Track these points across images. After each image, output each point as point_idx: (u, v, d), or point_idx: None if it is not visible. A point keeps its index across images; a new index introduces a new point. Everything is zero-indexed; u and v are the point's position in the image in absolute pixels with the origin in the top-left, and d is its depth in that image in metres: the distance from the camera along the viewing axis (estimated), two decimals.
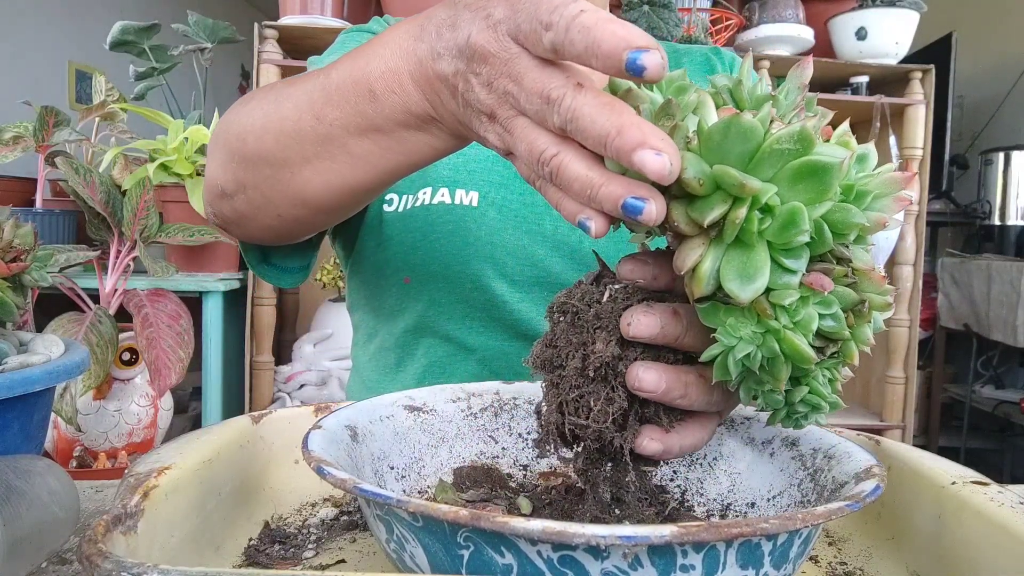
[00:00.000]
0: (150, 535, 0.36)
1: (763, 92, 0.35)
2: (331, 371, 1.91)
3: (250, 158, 0.55)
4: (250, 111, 0.55)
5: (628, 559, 0.30)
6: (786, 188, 0.31)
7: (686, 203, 0.32)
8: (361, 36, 0.81)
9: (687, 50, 0.89)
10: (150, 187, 1.51)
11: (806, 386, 0.37)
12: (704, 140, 0.31)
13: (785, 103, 0.36)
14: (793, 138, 0.30)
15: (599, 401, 0.37)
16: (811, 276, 0.33)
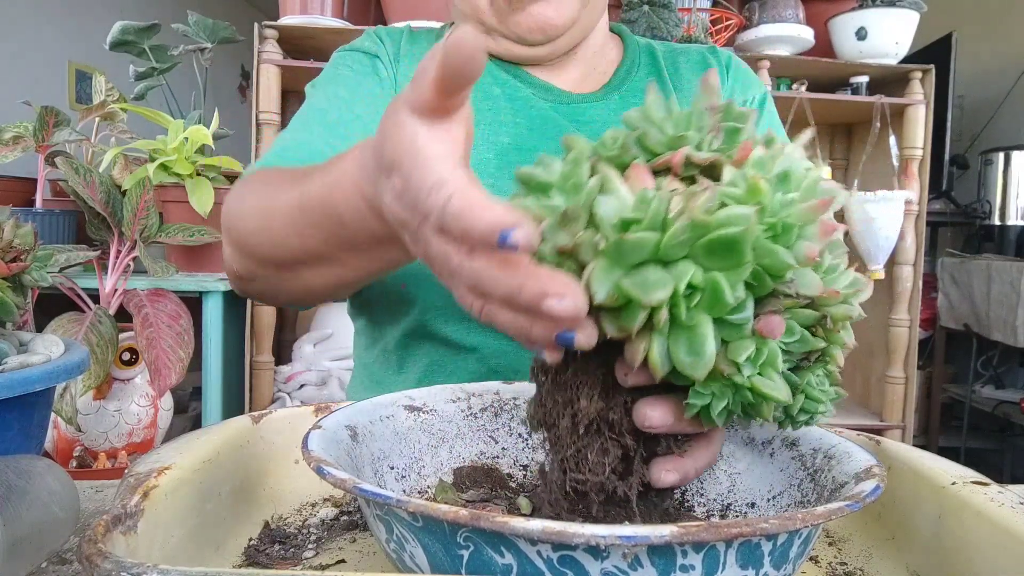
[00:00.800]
0: (150, 535, 0.36)
1: (674, 131, 0.36)
2: (331, 371, 1.91)
3: (254, 258, 0.59)
4: (246, 214, 0.59)
5: (628, 559, 0.30)
6: (705, 259, 0.31)
7: (612, 314, 0.33)
8: (354, 56, 0.82)
9: (684, 50, 0.89)
10: (150, 187, 1.51)
11: (802, 394, 0.37)
12: (607, 251, 0.32)
13: (698, 135, 0.36)
14: (687, 229, 0.30)
15: (595, 453, 0.38)
16: (760, 323, 0.33)
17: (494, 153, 0.77)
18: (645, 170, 0.34)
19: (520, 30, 0.76)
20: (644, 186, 0.33)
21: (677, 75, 0.85)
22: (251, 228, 0.58)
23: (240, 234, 0.60)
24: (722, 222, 0.30)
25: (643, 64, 0.86)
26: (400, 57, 0.81)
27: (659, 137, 0.36)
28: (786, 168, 0.34)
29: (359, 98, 0.76)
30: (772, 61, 1.98)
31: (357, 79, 0.79)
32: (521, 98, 0.80)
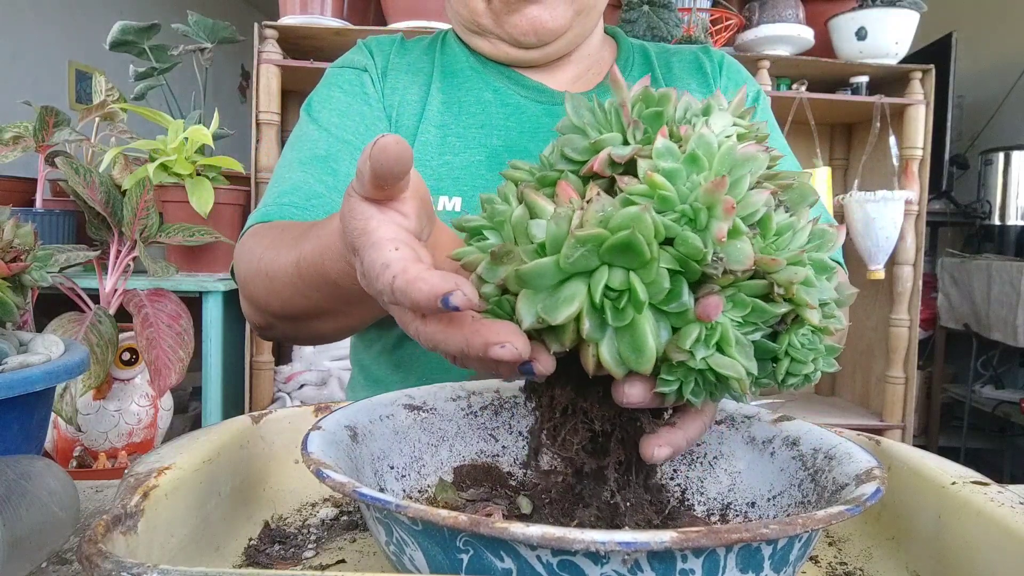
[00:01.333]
0: (150, 535, 0.36)
1: (596, 133, 0.37)
2: (331, 371, 1.91)
3: (268, 313, 0.65)
4: (253, 276, 0.64)
5: (628, 564, 0.29)
6: (618, 262, 0.33)
7: (550, 334, 0.35)
8: (344, 74, 0.83)
9: (677, 50, 0.89)
10: (150, 187, 1.51)
11: (787, 358, 0.36)
12: (524, 285, 0.34)
13: (619, 133, 0.37)
14: (578, 243, 0.32)
15: (567, 431, 0.40)
16: (698, 308, 0.34)
17: (485, 155, 0.78)
18: (568, 185, 0.36)
19: (515, 32, 0.77)
20: (568, 202, 0.35)
21: (670, 74, 0.86)
22: (260, 290, 0.63)
23: (251, 293, 0.66)
24: (615, 227, 0.32)
25: (636, 64, 0.87)
26: (388, 71, 0.82)
27: (582, 144, 0.37)
28: (697, 148, 0.34)
29: (349, 122, 0.79)
30: (772, 61, 1.97)
31: (347, 100, 0.81)
32: (512, 103, 0.81)
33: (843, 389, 2.41)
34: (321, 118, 0.80)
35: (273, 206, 0.73)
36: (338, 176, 0.75)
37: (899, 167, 2.04)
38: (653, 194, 0.33)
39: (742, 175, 0.34)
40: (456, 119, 0.79)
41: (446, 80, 0.82)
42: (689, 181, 0.34)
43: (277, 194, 0.74)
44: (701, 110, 0.38)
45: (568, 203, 0.35)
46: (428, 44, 0.87)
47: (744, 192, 0.34)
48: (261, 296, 0.64)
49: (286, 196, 0.73)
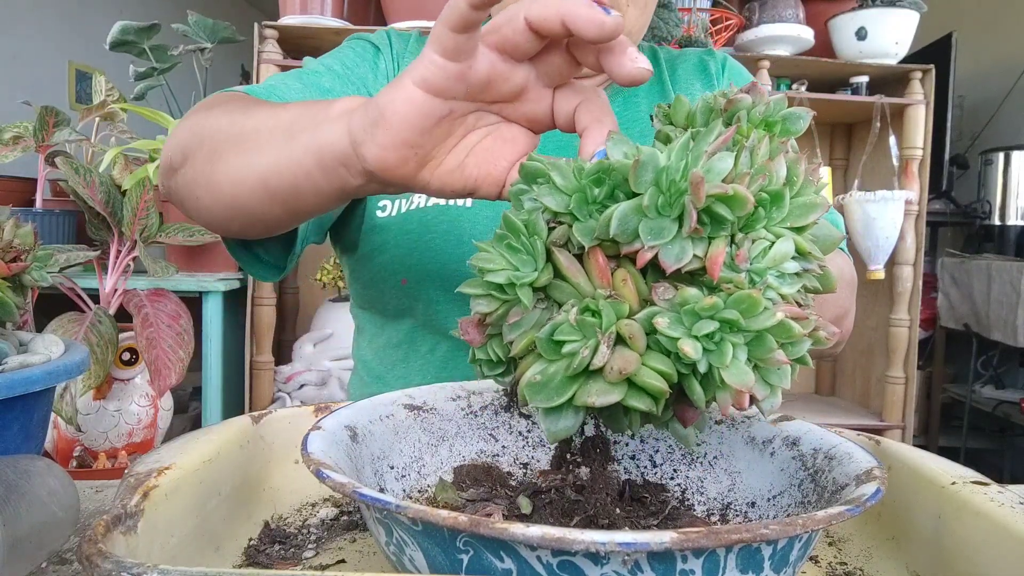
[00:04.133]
0: (150, 535, 0.36)
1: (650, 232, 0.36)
2: (331, 371, 1.91)
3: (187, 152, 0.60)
4: (204, 115, 0.60)
5: (628, 564, 0.29)
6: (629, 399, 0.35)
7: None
8: (360, 43, 0.82)
9: (681, 53, 0.90)
10: (150, 187, 1.51)
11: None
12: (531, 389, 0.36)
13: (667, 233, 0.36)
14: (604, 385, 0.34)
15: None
16: (679, 415, 0.36)
17: None
18: (601, 259, 0.36)
19: None
20: (600, 281, 0.36)
21: (675, 77, 0.86)
22: (203, 125, 0.59)
23: (191, 130, 0.60)
24: (634, 384, 0.34)
25: None
26: (405, 54, 0.82)
27: (633, 223, 0.35)
28: (737, 308, 0.34)
29: (352, 76, 0.77)
30: (772, 61, 1.97)
31: (356, 60, 0.79)
32: None
33: (843, 389, 2.41)
34: (328, 63, 0.77)
35: (260, 89, 0.68)
36: None
37: (899, 167, 2.04)
38: (677, 352, 0.33)
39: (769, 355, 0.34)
40: None
41: None
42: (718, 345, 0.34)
43: (268, 86, 0.70)
44: (775, 236, 0.36)
45: (600, 281, 0.36)
46: None
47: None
48: (190, 141, 0.59)
49: (278, 91, 0.69)
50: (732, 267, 0.35)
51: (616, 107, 0.83)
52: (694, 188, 0.33)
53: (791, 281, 0.36)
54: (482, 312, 0.39)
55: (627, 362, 0.33)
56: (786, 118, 0.40)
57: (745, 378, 0.33)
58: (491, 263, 0.38)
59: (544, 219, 0.38)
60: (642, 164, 0.35)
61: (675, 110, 0.43)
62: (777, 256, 0.35)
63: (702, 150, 0.35)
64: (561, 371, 0.35)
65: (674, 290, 0.34)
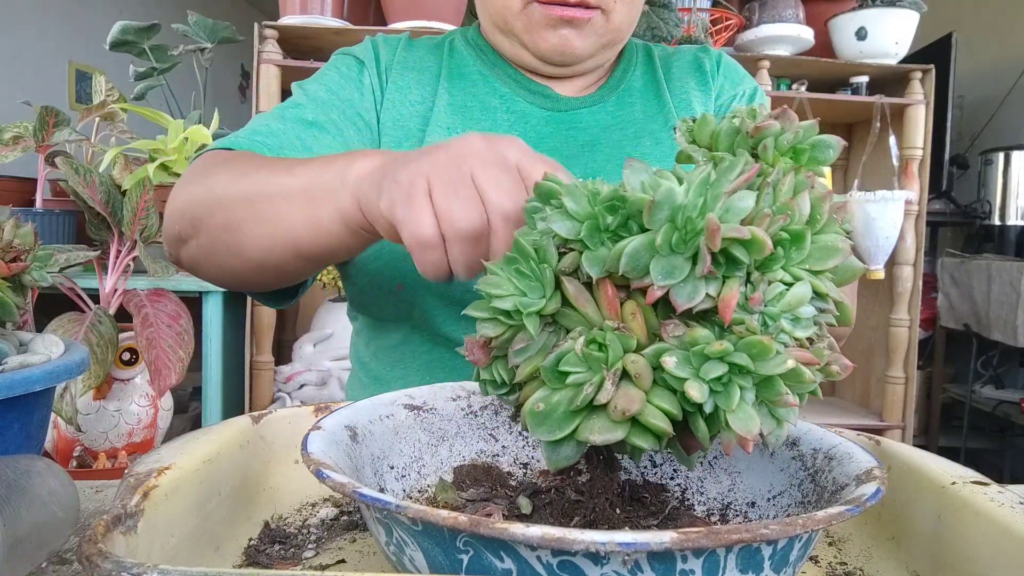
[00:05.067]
0: (150, 535, 0.36)
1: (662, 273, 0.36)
2: (331, 371, 1.91)
3: (197, 225, 0.64)
4: (206, 185, 0.63)
5: (628, 564, 0.29)
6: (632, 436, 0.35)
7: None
8: (345, 60, 0.83)
9: (676, 51, 0.90)
10: (150, 187, 1.51)
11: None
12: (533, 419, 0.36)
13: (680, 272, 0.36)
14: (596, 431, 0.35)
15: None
16: (685, 443, 0.36)
17: None
18: (612, 291, 0.36)
19: (542, 45, 0.77)
20: (608, 312, 0.36)
21: (670, 75, 0.87)
22: (208, 200, 0.61)
23: (190, 203, 0.62)
24: (643, 425, 0.34)
25: (639, 64, 0.87)
26: (392, 65, 0.82)
27: (644, 260, 0.34)
28: (750, 356, 0.33)
29: (337, 101, 0.78)
30: (772, 61, 1.97)
31: (340, 82, 0.80)
32: (518, 109, 0.81)
33: (843, 389, 2.41)
34: (311, 91, 0.79)
35: (244, 140, 0.70)
36: (318, 143, 0.73)
37: (899, 167, 2.04)
38: (683, 391, 0.33)
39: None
40: (463, 123, 0.79)
41: (453, 82, 0.82)
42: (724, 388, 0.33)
43: (250, 132, 0.71)
44: (793, 279, 0.35)
45: (609, 312, 0.36)
46: (435, 44, 0.86)
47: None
48: (199, 212, 0.61)
49: (259, 136, 0.70)
50: (745, 308, 0.34)
51: (610, 107, 0.83)
52: (710, 235, 0.32)
53: (805, 325, 0.35)
54: (488, 336, 0.38)
55: (631, 402, 0.33)
56: (815, 146, 0.39)
57: (750, 424, 0.33)
58: (498, 288, 0.37)
59: (555, 244, 0.37)
60: (657, 204, 0.34)
61: (699, 129, 0.42)
62: (793, 301, 0.34)
63: (721, 189, 0.34)
64: (564, 402, 0.34)
65: (684, 328, 0.34)
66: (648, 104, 0.84)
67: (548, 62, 0.79)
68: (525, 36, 0.78)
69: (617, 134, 0.81)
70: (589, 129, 0.81)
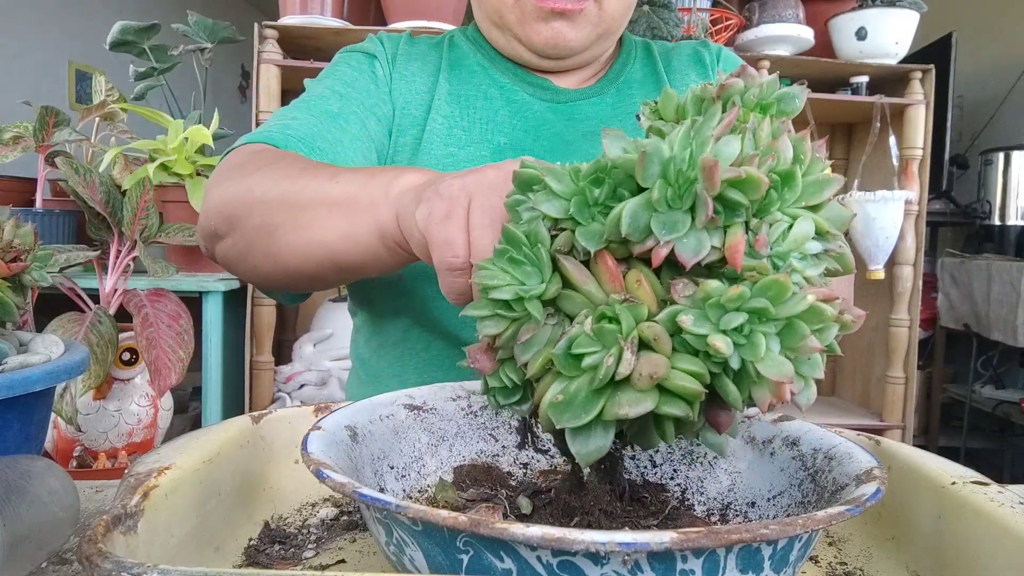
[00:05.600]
0: (150, 535, 0.36)
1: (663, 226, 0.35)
2: (331, 371, 1.91)
3: (234, 225, 0.64)
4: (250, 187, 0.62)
5: (628, 564, 0.29)
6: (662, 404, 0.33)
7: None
8: (354, 56, 0.84)
9: (675, 46, 0.90)
10: (150, 187, 1.51)
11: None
12: (554, 410, 0.34)
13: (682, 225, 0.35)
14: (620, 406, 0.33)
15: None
16: (709, 418, 0.35)
17: (490, 152, 0.78)
18: (610, 261, 0.34)
19: (536, 39, 0.77)
20: (612, 286, 0.34)
21: (670, 68, 0.87)
22: (250, 198, 0.60)
23: (231, 199, 0.62)
24: (672, 391, 0.32)
25: (638, 58, 0.87)
26: (397, 56, 0.83)
27: (643, 220, 0.33)
28: (767, 294, 0.32)
29: (355, 93, 0.78)
30: (772, 61, 1.97)
31: (354, 75, 0.80)
32: (518, 100, 0.81)
33: (843, 389, 2.41)
34: (330, 84, 0.79)
35: (278, 135, 0.69)
36: (346, 134, 0.73)
37: (899, 167, 2.04)
38: (707, 350, 0.31)
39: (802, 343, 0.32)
40: (462, 113, 0.80)
41: (453, 73, 0.82)
42: (748, 336, 0.32)
43: (282, 126, 0.71)
44: (791, 219, 0.34)
45: (612, 285, 0.34)
46: (436, 41, 0.87)
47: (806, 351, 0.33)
48: (237, 211, 0.61)
49: (291, 130, 0.70)
50: (752, 254, 0.33)
51: (610, 99, 0.83)
52: (707, 174, 0.31)
53: (814, 263, 0.34)
54: (490, 335, 0.37)
55: (656, 366, 0.31)
56: (780, 99, 0.39)
57: (784, 368, 0.31)
58: (494, 279, 0.36)
59: (545, 227, 0.36)
60: (648, 156, 0.32)
61: (663, 104, 0.41)
62: (799, 237, 0.33)
63: (706, 136, 0.33)
64: (585, 386, 0.33)
65: (694, 286, 0.32)
66: (648, 96, 0.84)
67: (542, 55, 0.79)
68: (518, 29, 0.78)
69: (617, 125, 0.81)
70: (589, 120, 0.81)
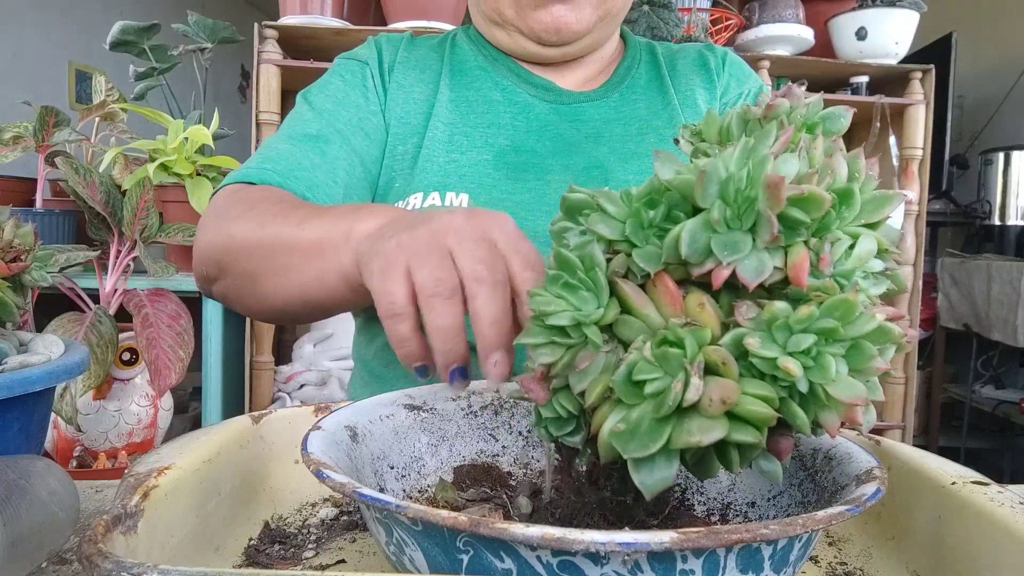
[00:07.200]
0: (150, 535, 0.36)
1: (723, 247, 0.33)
2: (331, 371, 1.91)
3: (221, 269, 0.67)
4: (225, 235, 0.65)
5: (628, 564, 0.29)
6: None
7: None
8: (348, 65, 0.84)
9: (680, 49, 0.90)
10: (150, 187, 1.51)
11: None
12: (618, 439, 0.33)
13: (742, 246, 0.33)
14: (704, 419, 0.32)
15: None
16: (770, 446, 0.33)
17: (492, 154, 0.78)
18: (670, 284, 0.33)
19: (537, 27, 0.77)
20: (672, 309, 0.32)
21: (675, 72, 0.87)
22: (230, 250, 0.64)
23: (215, 250, 0.66)
24: (742, 417, 0.31)
25: (643, 61, 0.87)
26: (396, 66, 0.83)
27: (702, 240, 0.32)
28: (835, 315, 0.31)
29: (343, 110, 0.79)
30: (772, 61, 1.97)
31: (345, 90, 0.81)
32: (520, 102, 0.81)
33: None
34: (316, 103, 0.80)
35: (255, 170, 0.72)
36: (325, 157, 0.75)
37: (899, 167, 2.04)
38: (775, 374, 0.30)
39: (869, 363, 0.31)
40: (464, 117, 0.80)
41: (455, 78, 0.82)
42: (817, 359, 0.31)
43: (261, 159, 0.74)
44: (851, 237, 0.33)
45: (672, 309, 0.33)
46: (438, 43, 0.87)
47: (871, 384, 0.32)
48: (223, 258, 0.65)
49: (269, 163, 0.73)
50: (815, 274, 0.32)
51: (613, 102, 0.83)
52: (772, 191, 0.30)
53: (877, 281, 0.33)
54: (545, 363, 0.35)
55: (728, 390, 0.30)
56: (826, 118, 0.38)
57: (856, 390, 0.30)
58: (550, 305, 0.34)
59: (600, 250, 0.35)
60: (707, 175, 0.31)
61: (707, 126, 0.40)
62: (863, 255, 0.33)
63: (763, 154, 0.32)
64: (648, 414, 0.31)
65: (758, 308, 0.31)
66: (652, 100, 0.84)
67: (546, 43, 0.79)
68: (519, 21, 0.78)
69: (620, 128, 0.81)
70: (592, 122, 0.81)
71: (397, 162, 0.79)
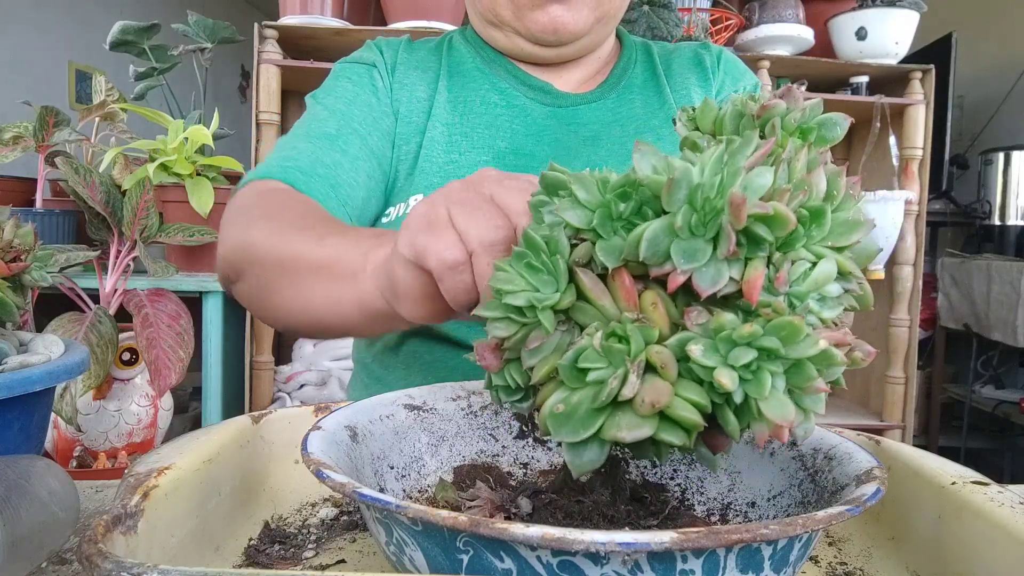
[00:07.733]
0: (150, 535, 0.36)
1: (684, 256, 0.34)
2: (331, 371, 1.91)
3: (246, 273, 0.66)
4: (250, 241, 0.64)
5: (628, 564, 0.29)
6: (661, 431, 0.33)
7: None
8: (352, 68, 0.84)
9: (676, 47, 0.90)
10: (150, 187, 1.51)
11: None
12: (554, 420, 0.34)
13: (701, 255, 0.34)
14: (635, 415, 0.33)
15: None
16: (708, 441, 0.34)
17: (491, 156, 0.78)
18: (627, 280, 0.34)
19: (535, 28, 0.77)
20: (626, 304, 0.34)
21: (670, 71, 0.87)
22: (255, 260, 0.63)
23: (238, 256, 0.65)
24: (671, 419, 0.32)
25: (639, 61, 0.87)
26: (397, 66, 0.83)
27: (664, 244, 0.33)
28: (779, 337, 0.31)
29: (356, 110, 0.79)
30: (772, 61, 1.97)
31: (355, 91, 0.80)
32: (518, 104, 0.81)
33: (843, 389, 2.41)
34: (328, 103, 0.79)
35: (277, 168, 0.71)
36: (346, 155, 0.74)
37: (899, 167, 2.04)
38: (711, 381, 0.31)
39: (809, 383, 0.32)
40: (462, 119, 0.80)
41: (452, 79, 0.82)
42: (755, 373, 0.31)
43: (281, 158, 0.73)
44: (815, 257, 0.33)
45: (627, 304, 0.34)
46: (435, 45, 0.87)
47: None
48: (241, 264, 0.64)
49: (291, 160, 0.72)
50: (770, 290, 0.32)
51: (611, 104, 0.83)
52: (734, 209, 0.30)
53: (832, 305, 0.34)
54: (499, 336, 0.36)
55: (659, 394, 0.31)
56: (822, 124, 0.38)
57: (785, 411, 0.31)
58: (510, 284, 0.35)
59: (566, 235, 0.35)
60: (676, 182, 0.32)
61: (702, 115, 0.40)
62: (819, 279, 0.33)
63: (738, 165, 0.32)
64: (586, 401, 0.32)
65: (708, 315, 0.32)
66: (649, 100, 0.84)
67: (544, 44, 0.79)
68: (516, 22, 0.78)
69: (618, 130, 0.81)
70: (590, 124, 0.81)
71: (402, 161, 0.79)
